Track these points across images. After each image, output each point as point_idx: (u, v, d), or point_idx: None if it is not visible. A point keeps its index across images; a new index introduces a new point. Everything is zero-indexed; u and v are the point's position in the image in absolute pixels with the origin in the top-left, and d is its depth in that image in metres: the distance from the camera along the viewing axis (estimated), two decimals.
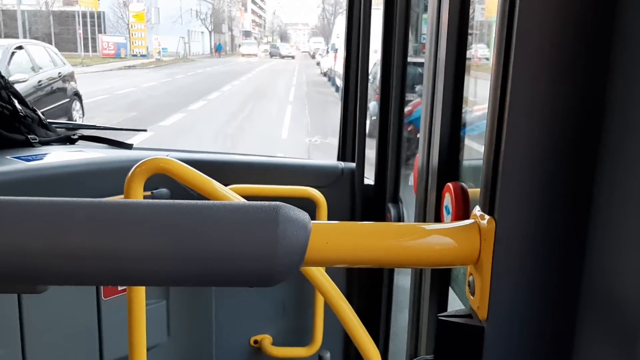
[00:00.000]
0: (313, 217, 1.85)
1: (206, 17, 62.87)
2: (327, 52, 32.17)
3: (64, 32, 43.13)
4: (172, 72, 28.74)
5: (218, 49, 61.47)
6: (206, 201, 0.55)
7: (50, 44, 44.62)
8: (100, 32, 48.81)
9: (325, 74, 26.88)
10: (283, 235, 0.54)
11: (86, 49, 41.76)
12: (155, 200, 0.54)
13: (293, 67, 40.40)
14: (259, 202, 0.55)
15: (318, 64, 37.57)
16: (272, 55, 53.56)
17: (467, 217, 0.77)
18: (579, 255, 0.64)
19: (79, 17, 40.37)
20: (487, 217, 0.66)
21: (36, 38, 50.71)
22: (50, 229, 0.51)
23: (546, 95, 0.62)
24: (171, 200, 0.54)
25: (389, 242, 0.66)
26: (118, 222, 0.53)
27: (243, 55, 52.19)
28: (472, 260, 0.67)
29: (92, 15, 55.34)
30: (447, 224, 0.71)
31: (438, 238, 0.67)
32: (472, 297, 0.71)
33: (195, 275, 0.54)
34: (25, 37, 44.81)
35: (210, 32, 64.18)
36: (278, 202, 0.55)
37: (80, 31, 35.65)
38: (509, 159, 0.64)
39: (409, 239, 0.67)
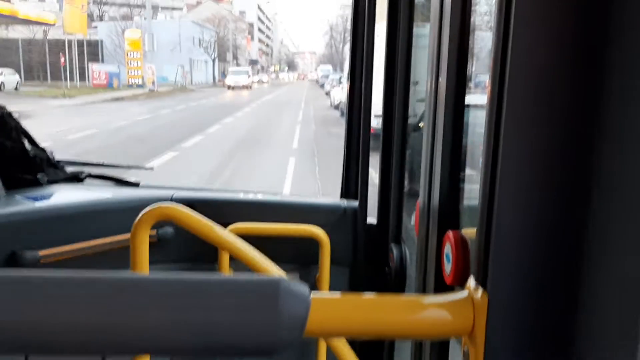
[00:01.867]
0: (316, 255, 1.86)
1: (209, 45, 58.60)
2: (340, 81, 27.11)
3: (59, 61, 38.94)
4: (161, 106, 25.26)
5: (223, 78, 58.68)
6: (210, 276, 0.57)
7: (45, 72, 39.98)
8: (98, 61, 44.48)
9: (337, 107, 21.92)
10: (283, 309, 0.55)
11: (82, 79, 39.31)
12: (160, 276, 0.56)
13: (299, 98, 35.27)
14: (260, 278, 0.57)
15: (327, 94, 32.44)
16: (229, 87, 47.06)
17: (467, 267, 0.80)
18: (572, 328, 0.66)
19: (55, 45, 35.94)
20: (480, 290, 0.67)
21: (30, 67, 46.44)
22: (56, 305, 0.52)
23: (538, 164, 0.63)
24: (176, 276, 0.56)
25: (386, 316, 0.67)
26: (122, 297, 0.53)
27: (229, 88, 45.52)
28: (466, 332, 0.68)
29: (89, 43, 50.93)
30: (442, 296, 0.71)
31: (433, 312, 0.69)
32: None
33: (198, 348, 0.55)
34: (20, 65, 40.62)
35: (213, 60, 59.85)
36: (278, 277, 0.57)
37: (63, 59, 31.19)
38: (501, 235, 0.65)
39: (406, 313, 0.68)
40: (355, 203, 2.05)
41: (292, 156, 11.63)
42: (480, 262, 0.68)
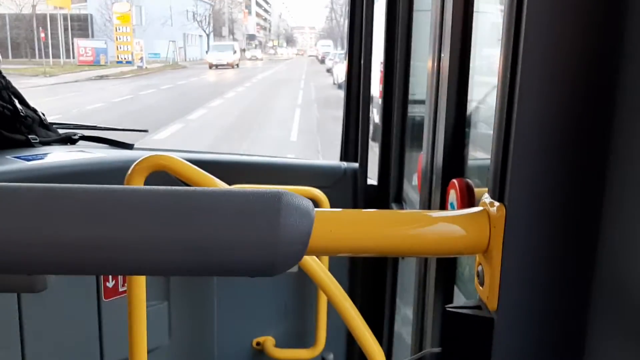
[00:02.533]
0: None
1: (203, 19, 55.63)
2: (346, 57, 24.28)
3: (54, 37, 39.00)
4: (147, 85, 23.36)
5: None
6: (207, 188, 0.54)
7: (33, 49, 37.34)
8: (88, 36, 41.83)
9: (340, 86, 19.43)
10: (285, 222, 0.52)
11: (69, 55, 38.03)
12: (155, 187, 0.53)
13: (299, 75, 32.44)
14: (261, 190, 0.54)
15: (329, 70, 29.77)
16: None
17: None
18: (592, 245, 0.63)
19: (43, 20, 33.34)
20: (496, 204, 0.64)
21: (18, 44, 43.81)
22: (46, 216, 0.50)
23: (557, 79, 0.60)
24: (172, 187, 0.53)
25: (394, 229, 0.64)
26: (115, 208, 0.51)
27: (211, 67, 40.21)
28: (481, 248, 0.65)
29: (78, 18, 47.98)
30: (455, 211, 0.69)
31: (445, 226, 0.66)
32: (481, 287, 0.68)
33: (195, 263, 0.53)
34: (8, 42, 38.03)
35: (208, 35, 56.96)
36: (281, 189, 0.54)
37: (44, 35, 28.62)
38: (519, 144, 0.62)
39: (415, 227, 0.65)
40: (355, 164, 2.07)
41: (290, 153, 9.46)
42: (497, 175, 0.65)
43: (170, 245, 0.51)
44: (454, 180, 1.02)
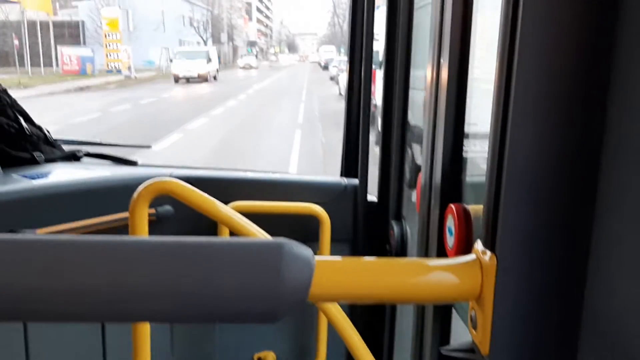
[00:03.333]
0: (316, 234, 1.92)
1: (200, 25, 52.52)
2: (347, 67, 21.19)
3: (36, 45, 36.55)
4: (125, 98, 20.92)
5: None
6: (210, 239, 0.56)
7: (21, 57, 34.05)
8: (79, 43, 38.99)
9: None
10: (287, 273, 0.54)
11: (54, 64, 35.87)
12: (159, 239, 0.55)
13: (300, 84, 29.01)
14: (263, 240, 0.57)
15: (332, 78, 26.36)
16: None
17: (470, 240, 0.80)
18: (580, 292, 0.66)
19: (32, 26, 30.48)
20: (488, 253, 0.67)
21: (6, 52, 40.80)
22: (54, 268, 0.51)
23: (546, 128, 0.63)
24: (175, 239, 0.55)
25: (392, 278, 0.67)
26: (120, 260, 0.53)
27: (177, 80, 32.70)
28: (473, 295, 0.68)
29: (69, 24, 44.79)
30: (449, 259, 0.71)
31: (440, 274, 0.68)
32: (474, 331, 0.71)
33: (198, 313, 0.54)
34: None
35: (205, 41, 53.86)
36: (282, 239, 0.56)
37: (17, 42, 25.52)
38: (510, 196, 0.64)
39: (411, 276, 0.67)
40: (355, 181, 2.09)
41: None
42: (488, 225, 0.68)
43: (174, 295, 0.52)
44: (452, 206, 1.05)
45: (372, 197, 2.04)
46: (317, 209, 1.91)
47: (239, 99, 22.40)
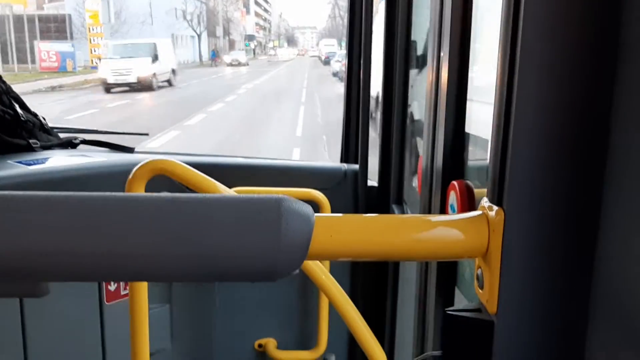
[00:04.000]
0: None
1: (193, 18, 49.29)
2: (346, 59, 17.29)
3: (21, 41, 34.87)
4: (93, 102, 18.26)
5: (212, 57, 54.52)
6: (207, 195, 0.55)
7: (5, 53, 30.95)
8: (66, 39, 36.00)
9: None
10: (286, 228, 0.53)
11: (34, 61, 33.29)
12: (155, 194, 0.55)
13: (300, 83, 25.69)
14: (261, 195, 0.56)
15: (335, 74, 22.99)
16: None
17: None
18: (591, 247, 0.64)
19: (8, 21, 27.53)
20: (495, 207, 0.66)
21: None
22: (48, 224, 0.51)
23: (554, 84, 0.62)
24: (172, 194, 0.55)
25: (394, 234, 0.66)
26: (116, 216, 0.52)
27: (109, 89, 22.28)
28: (480, 252, 0.67)
29: (55, 19, 41.67)
30: (454, 215, 0.72)
31: (445, 230, 0.67)
32: (480, 290, 0.70)
33: (196, 270, 0.54)
34: None
35: (199, 35, 50.62)
36: (281, 195, 0.55)
37: None
38: (517, 148, 0.63)
39: (414, 232, 0.67)
40: (355, 166, 2.13)
41: None
42: (495, 180, 0.66)
43: (171, 252, 0.52)
44: (454, 182, 1.05)
45: (373, 182, 2.08)
46: (317, 195, 1.95)
47: (238, 92, 21.05)
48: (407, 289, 1.75)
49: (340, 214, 0.67)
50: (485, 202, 0.69)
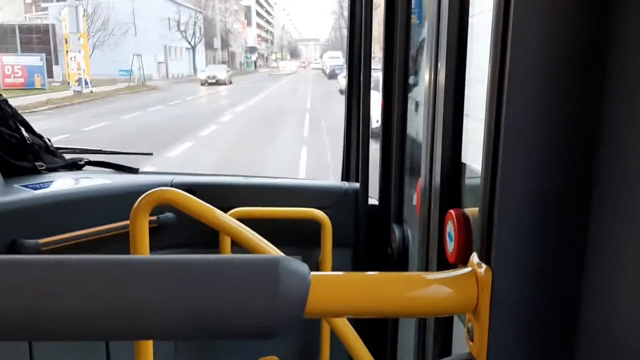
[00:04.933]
0: (318, 238, 1.96)
1: (187, 28, 44.90)
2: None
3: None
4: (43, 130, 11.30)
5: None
6: (207, 256, 0.57)
7: None
8: (49, 50, 32.19)
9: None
10: (283, 289, 0.56)
11: None
12: (155, 257, 0.58)
13: (302, 105, 20.78)
14: (259, 256, 0.59)
15: (342, 92, 16.79)
16: None
17: (470, 246, 0.84)
18: (576, 303, 0.68)
19: None
20: (484, 266, 0.70)
21: None
22: (51, 288, 0.53)
23: (540, 141, 0.65)
24: (172, 257, 0.58)
25: (389, 293, 0.69)
26: (117, 279, 0.55)
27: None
28: (470, 308, 0.71)
29: (37, 29, 37.41)
30: (445, 273, 0.74)
31: (436, 288, 0.71)
32: (471, 343, 0.74)
33: (196, 331, 0.56)
34: None
35: (193, 47, 46.23)
36: (277, 256, 0.58)
37: None
38: (504, 210, 0.67)
39: (408, 290, 0.70)
40: (356, 185, 2.19)
41: None
42: (483, 238, 0.70)
43: (172, 314, 0.54)
44: (451, 212, 1.10)
45: (373, 200, 2.14)
46: (318, 214, 2.00)
47: (221, 120, 16.00)
48: (407, 326, 1.78)
49: (335, 273, 0.72)
50: (474, 258, 0.72)
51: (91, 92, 26.78)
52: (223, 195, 1.85)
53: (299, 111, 19.76)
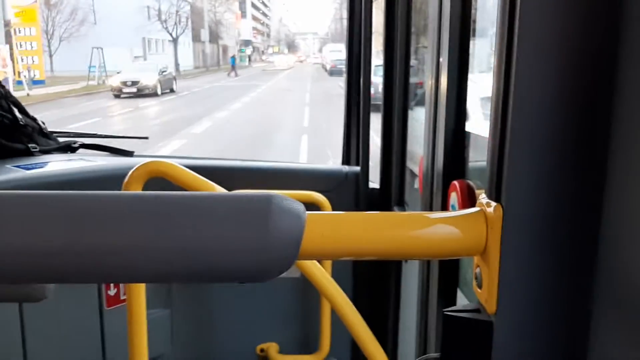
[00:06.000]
0: None
1: (168, 18, 39.02)
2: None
3: None
4: None
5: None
6: (196, 192, 0.56)
7: None
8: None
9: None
10: (275, 226, 0.52)
11: None
12: (143, 192, 0.55)
13: (299, 111, 14.22)
14: (250, 193, 0.56)
15: None
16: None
17: None
18: (592, 243, 0.64)
19: None
20: (493, 204, 0.65)
21: None
22: (40, 223, 0.51)
23: (552, 77, 0.62)
24: (161, 192, 0.55)
25: (389, 232, 0.65)
26: (103, 214, 0.52)
27: None
28: (478, 250, 0.66)
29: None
30: (452, 212, 0.73)
31: (442, 227, 0.67)
32: (479, 290, 0.70)
33: (185, 270, 0.54)
34: None
35: (175, 39, 40.33)
36: (271, 192, 0.55)
37: None
38: (515, 143, 0.63)
39: (410, 229, 0.66)
40: (356, 168, 2.21)
41: None
42: (492, 174, 0.66)
43: (157, 251, 0.52)
44: (455, 182, 1.10)
45: (374, 184, 2.18)
46: (318, 197, 2.00)
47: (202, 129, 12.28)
48: (409, 291, 1.81)
49: (333, 212, 0.71)
50: (483, 198, 0.68)
51: (27, 95, 22.32)
52: (221, 178, 1.62)
53: (292, 132, 13.98)
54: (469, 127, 1.20)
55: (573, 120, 0.61)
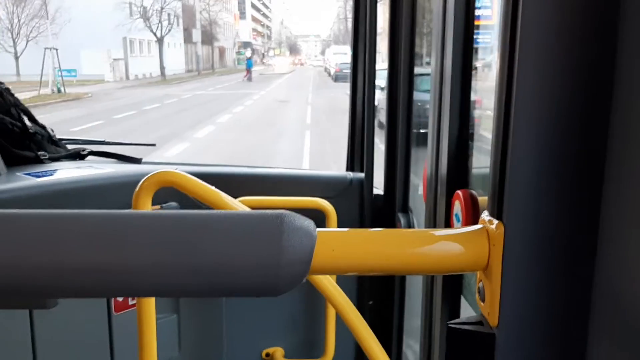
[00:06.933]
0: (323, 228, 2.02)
1: (152, 15, 33.84)
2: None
3: None
4: None
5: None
6: (210, 211, 0.57)
7: None
8: None
9: None
10: (288, 244, 0.55)
11: None
12: (159, 212, 0.58)
13: (297, 146, 8.38)
14: (263, 211, 0.59)
15: (382, 125, 4.24)
16: None
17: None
18: (590, 258, 0.68)
19: None
20: (495, 221, 0.70)
21: None
22: (55, 241, 0.53)
23: (552, 98, 0.66)
24: (176, 211, 0.58)
25: (396, 249, 0.69)
26: (121, 233, 0.54)
27: None
28: (481, 266, 0.70)
29: None
30: (455, 229, 0.79)
31: (446, 244, 0.71)
32: (482, 303, 0.75)
33: (200, 286, 0.56)
34: None
35: (159, 39, 35.20)
36: (283, 211, 0.58)
37: None
38: (516, 162, 0.67)
39: (416, 246, 0.70)
40: (361, 175, 2.28)
41: None
42: (494, 193, 0.70)
43: (175, 269, 0.53)
44: (459, 192, 1.12)
45: (379, 190, 2.23)
46: (323, 204, 2.06)
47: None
48: (414, 299, 1.88)
49: (342, 229, 0.72)
50: (485, 215, 0.73)
51: None
52: (228, 184, 1.65)
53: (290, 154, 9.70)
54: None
55: (573, 142, 0.63)
